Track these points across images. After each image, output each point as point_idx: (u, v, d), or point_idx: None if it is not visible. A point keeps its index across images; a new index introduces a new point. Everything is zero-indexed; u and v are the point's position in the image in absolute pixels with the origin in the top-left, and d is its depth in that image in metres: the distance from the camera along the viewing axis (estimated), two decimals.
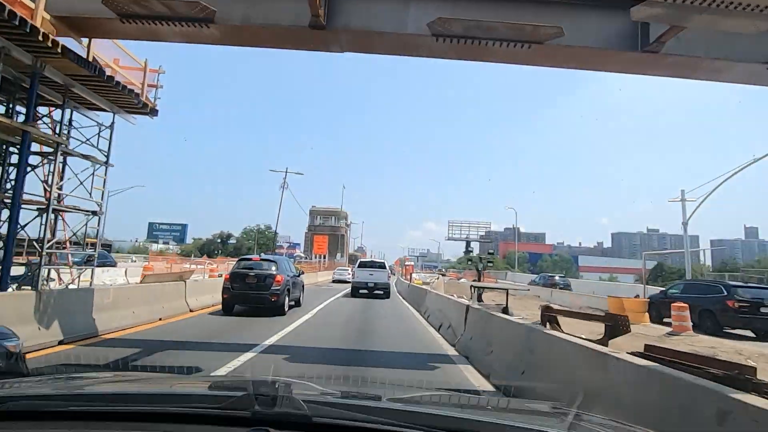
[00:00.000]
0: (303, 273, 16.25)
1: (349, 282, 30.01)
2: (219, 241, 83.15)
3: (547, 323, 5.98)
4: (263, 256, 14.69)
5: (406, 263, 49.31)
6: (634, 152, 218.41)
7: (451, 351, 8.28)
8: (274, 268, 12.09)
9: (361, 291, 20.22)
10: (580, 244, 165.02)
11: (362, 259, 24.97)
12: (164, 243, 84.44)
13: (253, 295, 11.63)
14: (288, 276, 12.55)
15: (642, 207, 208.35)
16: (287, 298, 12.17)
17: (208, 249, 73.89)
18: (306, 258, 61.35)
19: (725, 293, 13.78)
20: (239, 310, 11.95)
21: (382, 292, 20.38)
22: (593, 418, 1.57)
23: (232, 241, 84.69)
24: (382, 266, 21.64)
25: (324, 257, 58.85)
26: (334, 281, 36.93)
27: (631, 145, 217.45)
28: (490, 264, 23.71)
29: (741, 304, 13.13)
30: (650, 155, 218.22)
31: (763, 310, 12.91)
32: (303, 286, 15.43)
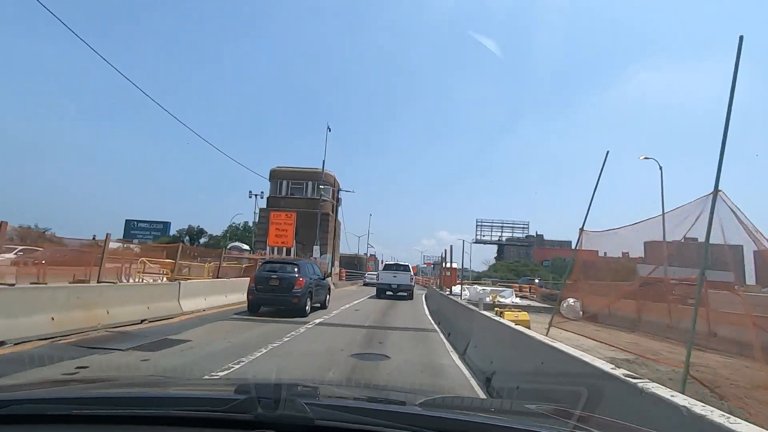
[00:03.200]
0: (329, 276, 16.78)
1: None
2: (187, 238, 68.57)
3: None
4: (287, 259, 15.28)
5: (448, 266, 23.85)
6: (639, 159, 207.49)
7: None
8: (296, 271, 12.28)
9: (386, 293, 20.90)
10: (605, 254, 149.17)
11: (387, 262, 25.10)
12: (140, 242, 73.09)
13: (275, 297, 11.84)
14: (310, 279, 12.67)
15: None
16: (309, 301, 12.30)
17: (174, 248, 55.99)
18: (256, 250, 31.72)
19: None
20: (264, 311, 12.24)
21: (405, 294, 21.01)
22: (597, 419, 1.53)
23: (204, 239, 70.07)
24: (406, 269, 22.06)
25: (290, 252, 30.29)
26: (365, 284, 38.05)
27: (636, 152, 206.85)
28: None
29: (674, 297, 16.15)
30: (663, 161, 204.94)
31: (691, 303, 15.59)
32: (329, 289, 15.52)
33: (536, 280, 41.99)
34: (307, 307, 12.12)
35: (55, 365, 5.26)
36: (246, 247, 32.95)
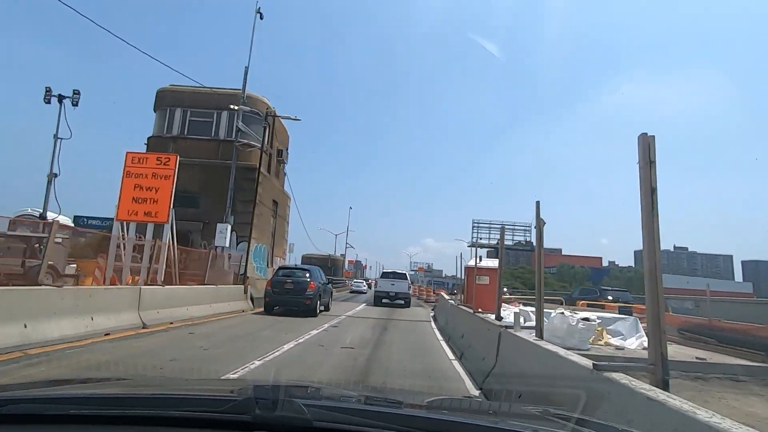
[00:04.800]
0: (331, 282, 17.14)
1: (365, 292, 33.69)
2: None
3: None
4: (298, 265, 15.90)
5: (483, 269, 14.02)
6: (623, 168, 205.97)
7: None
8: (308, 275, 13.45)
9: (383, 300, 20.77)
10: None
11: (385, 270, 25.10)
12: None
13: (290, 299, 12.90)
14: (319, 283, 13.71)
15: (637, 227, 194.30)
16: (319, 302, 13.38)
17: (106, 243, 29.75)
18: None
19: (598, 294, 21.66)
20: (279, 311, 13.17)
21: (402, 302, 20.76)
22: (596, 423, 1.51)
23: None
24: (403, 277, 22.17)
25: (162, 232, 11.89)
26: (351, 292, 36.29)
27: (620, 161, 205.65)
28: None
29: (604, 302, 19.82)
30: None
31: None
32: (332, 293, 16.84)
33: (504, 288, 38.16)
34: (317, 309, 13.15)
35: None
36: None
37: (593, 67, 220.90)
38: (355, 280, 43.32)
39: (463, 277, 12.78)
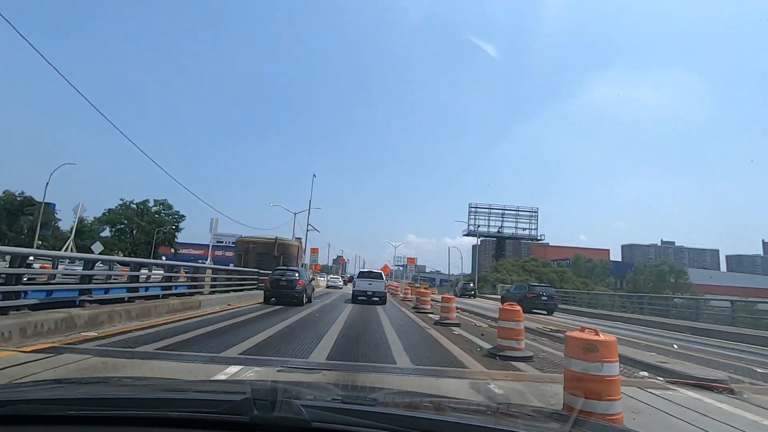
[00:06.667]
0: (314, 278, 19.24)
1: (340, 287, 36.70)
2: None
3: None
4: (290, 267, 18.73)
5: None
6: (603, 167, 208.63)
7: None
8: (297, 275, 16.82)
9: (359, 298, 22.18)
10: None
11: (362, 270, 26.08)
12: None
13: (284, 293, 16.19)
14: (306, 281, 17.37)
15: (618, 224, 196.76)
16: (305, 295, 16.95)
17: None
18: None
19: (527, 289, 23.24)
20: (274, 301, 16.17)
21: (378, 299, 22.08)
22: (593, 422, 1.51)
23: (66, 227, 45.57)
24: (379, 276, 23.61)
25: None
26: (328, 286, 37.74)
27: (602, 160, 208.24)
28: None
29: (532, 295, 22.41)
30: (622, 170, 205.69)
31: (543, 298, 22.38)
32: (313, 288, 21.06)
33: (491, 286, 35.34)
34: (304, 300, 16.66)
35: None
36: None
37: (583, 64, 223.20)
38: (330, 276, 45.15)
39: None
